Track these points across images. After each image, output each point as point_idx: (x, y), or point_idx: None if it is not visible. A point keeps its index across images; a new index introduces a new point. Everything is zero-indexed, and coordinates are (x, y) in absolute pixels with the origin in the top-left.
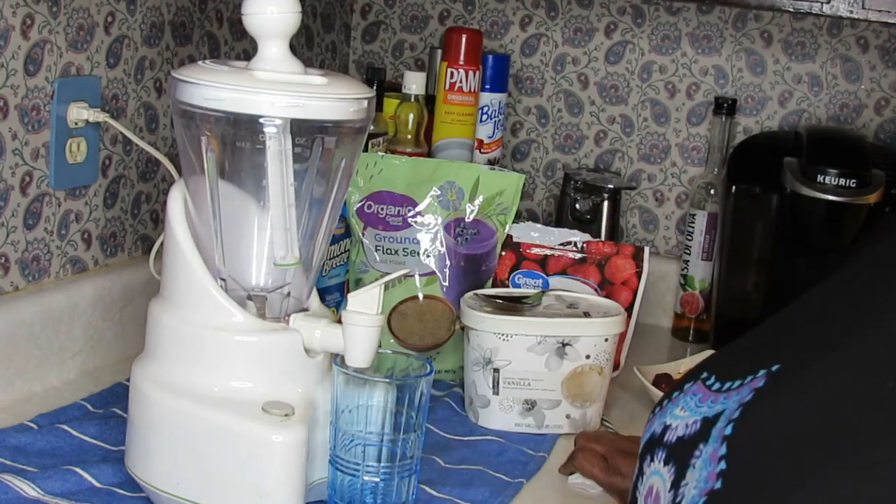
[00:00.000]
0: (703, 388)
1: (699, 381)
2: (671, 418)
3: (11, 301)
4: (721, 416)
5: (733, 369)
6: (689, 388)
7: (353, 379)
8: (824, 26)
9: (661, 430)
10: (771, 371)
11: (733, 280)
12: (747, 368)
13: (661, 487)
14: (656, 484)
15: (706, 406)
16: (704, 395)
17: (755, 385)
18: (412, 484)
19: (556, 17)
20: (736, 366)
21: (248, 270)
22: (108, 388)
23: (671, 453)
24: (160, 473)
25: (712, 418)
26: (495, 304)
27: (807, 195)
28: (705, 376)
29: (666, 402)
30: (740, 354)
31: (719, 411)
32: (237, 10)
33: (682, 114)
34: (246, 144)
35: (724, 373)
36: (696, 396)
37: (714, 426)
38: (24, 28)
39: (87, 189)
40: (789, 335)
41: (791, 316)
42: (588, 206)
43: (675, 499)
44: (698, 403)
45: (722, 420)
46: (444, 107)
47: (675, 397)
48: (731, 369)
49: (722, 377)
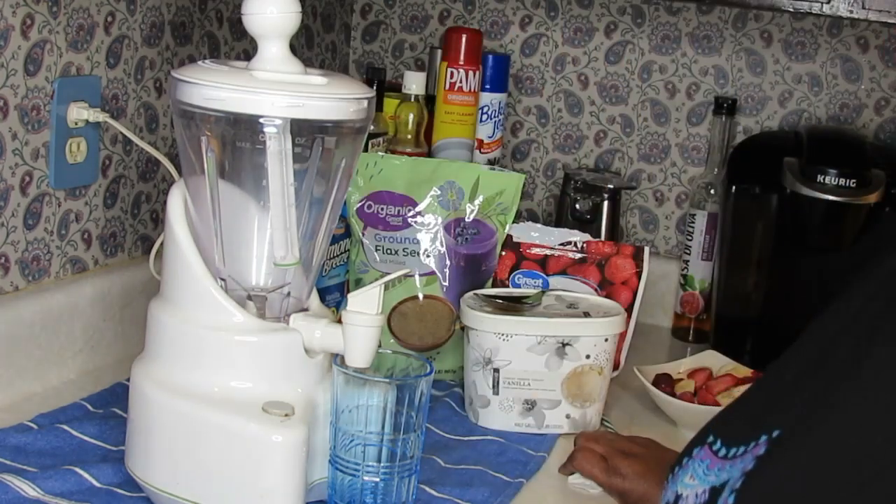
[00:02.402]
0: (711, 454)
1: (706, 445)
2: (682, 487)
3: (11, 301)
4: (726, 486)
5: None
6: (698, 453)
7: (353, 379)
8: (824, 26)
9: (674, 500)
10: (772, 437)
11: (733, 280)
12: (750, 433)
13: None
14: None
15: (713, 474)
16: (712, 462)
17: (757, 452)
18: (412, 484)
19: (556, 17)
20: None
21: (248, 270)
22: (108, 388)
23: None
24: (160, 473)
25: (719, 487)
26: (495, 304)
27: (807, 195)
28: (711, 440)
29: (677, 468)
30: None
31: (725, 480)
32: (237, 10)
33: (682, 114)
34: (246, 144)
35: (729, 437)
36: (703, 463)
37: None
38: (24, 28)
39: (87, 189)
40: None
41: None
42: (588, 206)
43: None
44: (706, 471)
45: (727, 490)
46: (444, 107)
47: (686, 463)
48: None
49: (727, 442)
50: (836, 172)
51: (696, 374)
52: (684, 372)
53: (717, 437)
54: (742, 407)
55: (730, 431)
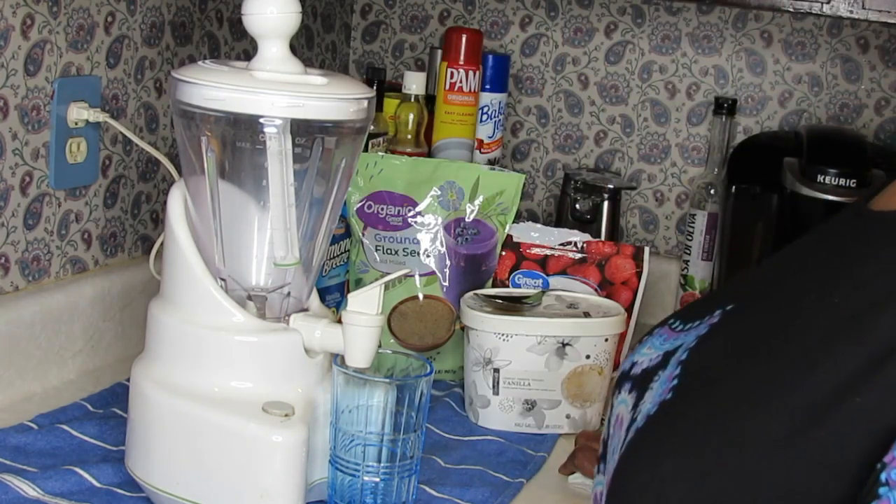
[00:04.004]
0: (668, 331)
1: (666, 325)
2: (639, 356)
3: (11, 301)
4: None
5: (696, 313)
6: (658, 331)
7: (353, 379)
8: (824, 26)
9: (629, 367)
10: (725, 310)
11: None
12: (707, 310)
13: (625, 411)
14: (622, 411)
15: (669, 343)
16: (668, 335)
17: (711, 322)
18: (412, 484)
19: (556, 17)
20: (698, 310)
21: (248, 270)
22: (108, 388)
23: (635, 383)
24: (160, 473)
25: (672, 350)
26: (495, 304)
27: (807, 195)
28: (672, 321)
29: (637, 345)
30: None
31: (679, 344)
32: (237, 10)
33: (682, 114)
34: (246, 144)
35: (688, 316)
36: (661, 337)
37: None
38: (24, 28)
39: (87, 189)
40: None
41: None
42: (588, 206)
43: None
44: (662, 342)
45: (680, 350)
46: (444, 107)
47: (645, 340)
48: (695, 312)
49: (685, 320)
50: (836, 172)
51: None
52: None
53: (677, 318)
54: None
55: (688, 313)
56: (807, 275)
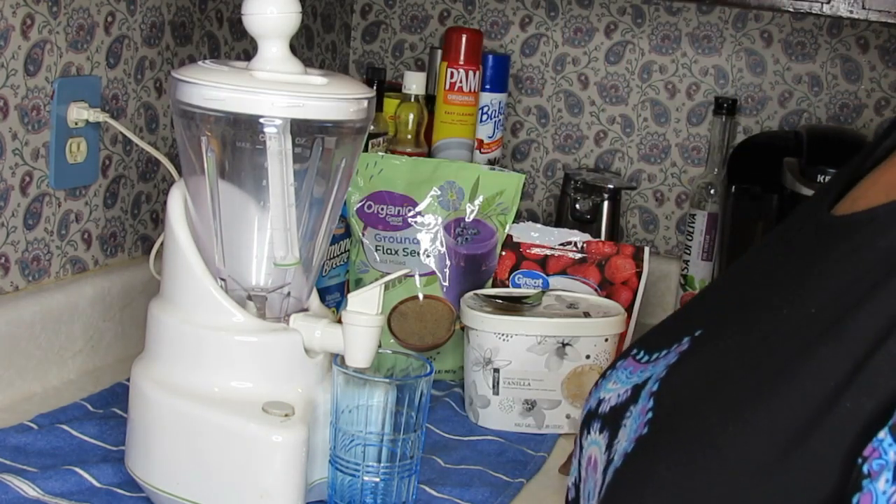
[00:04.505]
0: (633, 362)
1: (630, 356)
2: (604, 392)
3: (11, 301)
4: (649, 380)
5: (660, 340)
6: (621, 363)
7: (353, 379)
8: (824, 26)
9: (596, 405)
10: (694, 336)
11: None
12: (673, 337)
13: (598, 453)
14: (594, 452)
15: (636, 376)
16: (634, 368)
17: (680, 349)
18: (412, 484)
19: (556, 17)
20: (663, 337)
21: (248, 270)
22: (108, 388)
23: (605, 422)
24: (160, 473)
25: (641, 383)
26: (495, 304)
27: (807, 195)
28: (635, 352)
29: (600, 380)
30: (667, 327)
31: (648, 376)
32: (237, 10)
33: (682, 114)
34: (246, 144)
35: (652, 345)
36: (626, 370)
37: (643, 389)
38: (24, 28)
39: (87, 189)
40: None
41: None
42: (588, 206)
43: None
44: (629, 375)
45: (650, 382)
46: (444, 107)
47: (608, 374)
48: (659, 341)
49: (650, 349)
50: (836, 172)
51: None
52: None
53: (640, 348)
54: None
55: (652, 342)
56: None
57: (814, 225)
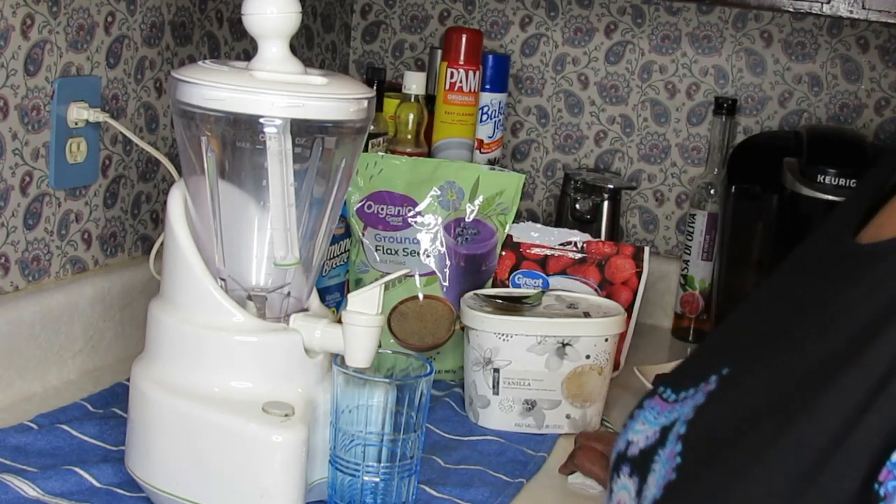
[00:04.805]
0: (660, 402)
1: (656, 395)
2: (633, 434)
3: (11, 301)
4: (677, 421)
5: (687, 379)
6: (648, 403)
7: (353, 379)
8: (824, 26)
9: (625, 447)
10: (721, 374)
11: (733, 280)
12: (700, 375)
13: (628, 498)
14: (623, 498)
15: (663, 416)
16: (661, 408)
17: (707, 389)
18: (412, 484)
19: (556, 17)
20: (689, 375)
21: (248, 270)
22: (108, 388)
23: (634, 466)
24: (160, 473)
25: (669, 425)
26: (495, 304)
27: (807, 195)
28: (661, 390)
29: (628, 420)
30: (693, 365)
31: (675, 418)
32: (237, 10)
33: (682, 114)
34: (246, 144)
35: (679, 383)
36: (653, 410)
37: (671, 430)
38: (24, 28)
39: (87, 189)
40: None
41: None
42: (588, 206)
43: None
44: (656, 416)
45: (678, 424)
46: (444, 107)
47: (636, 414)
48: (685, 379)
49: (677, 388)
50: (836, 172)
51: None
52: None
53: (666, 386)
54: (689, 361)
55: (678, 380)
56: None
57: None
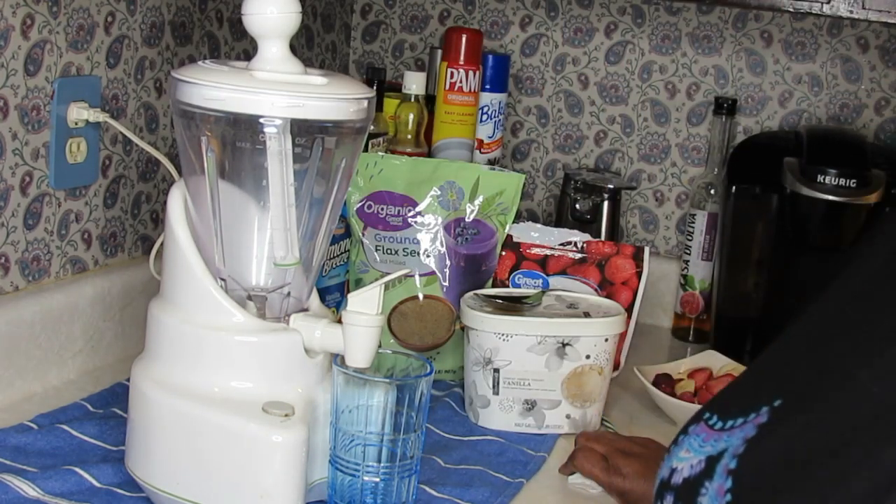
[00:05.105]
0: (706, 429)
1: (702, 421)
2: (677, 461)
3: (11, 301)
4: (725, 453)
5: (735, 406)
6: (693, 429)
7: (353, 379)
8: (824, 26)
9: (669, 474)
10: (773, 406)
11: (733, 280)
12: (749, 405)
13: None
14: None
15: (709, 445)
16: (707, 435)
17: (758, 421)
18: (412, 484)
19: (556, 17)
20: (737, 403)
21: (248, 270)
22: (108, 388)
23: (678, 495)
24: (160, 473)
25: (716, 455)
26: (495, 304)
27: (807, 195)
28: (707, 416)
29: (672, 446)
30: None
31: (723, 449)
32: (237, 10)
33: (682, 114)
34: (246, 144)
35: (726, 411)
36: (699, 437)
37: (719, 463)
38: (24, 28)
39: (87, 189)
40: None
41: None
42: (588, 206)
43: None
44: (702, 444)
45: (727, 456)
46: (444, 107)
47: (680, 440)
48: (733, 407)
49: (724, 416)
50: (836, 172)
51: (696, 374)
52: (684, 372)
53: (713, 413)
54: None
55: (726, 407)
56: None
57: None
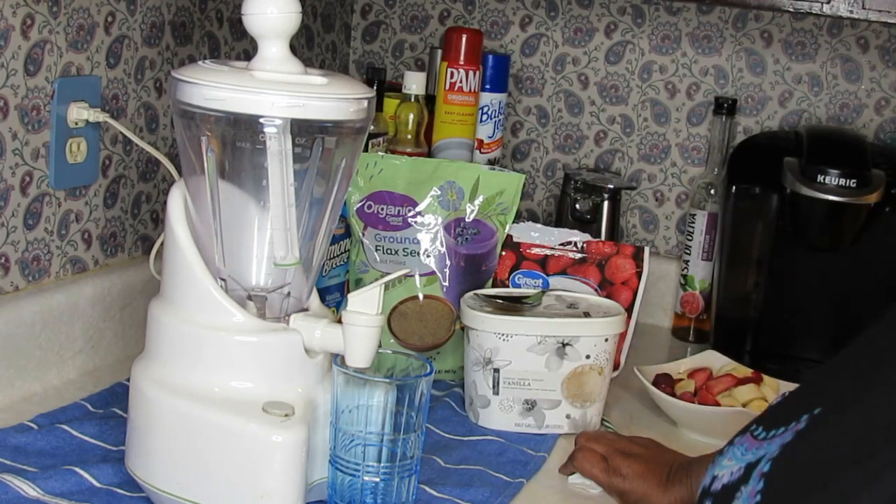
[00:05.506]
0: (750, 439)
1: (748, 433)
2: (719, 469)
3: (11, 301)
4: (763, 459)
5: (781, 417)
6: (739, 440)
7: (353, 379)
8: (824, 26)
9: (710, 482)
10: (812, 414)
11: (733, 280)
12: (793, 415)
13: None
14: None
15: (751, 454)
16: (750, 445)
17: (797, 428)
18: (412, 484)
19: (556, 17)
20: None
21: (248, 270)
22: (108, 388)
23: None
24: (160, 473)
25: (755, 462)
26: (495, 304)
27: (807, 195)
28: (753, 428)
29: (717, 455)
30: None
31: (762, 455)
32: (237, 10)
33: (682, 114)
34: (246, 144)
35: (772, 422)
36: (742, 446)
37: (755, 468)
38: (24, 28)
39: (87, 189)
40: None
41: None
42: (588, 206)
43: None
44: (744, 452)
45: (763, 462)
46: (445, 107)
47: (725, 450)
48: (778, 418)
49: (769, 427)
50: (836, 172)
51: (696, 374)
52: (684, 372)
53: (759, 425)
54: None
55: (772, 419)
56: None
57: None
